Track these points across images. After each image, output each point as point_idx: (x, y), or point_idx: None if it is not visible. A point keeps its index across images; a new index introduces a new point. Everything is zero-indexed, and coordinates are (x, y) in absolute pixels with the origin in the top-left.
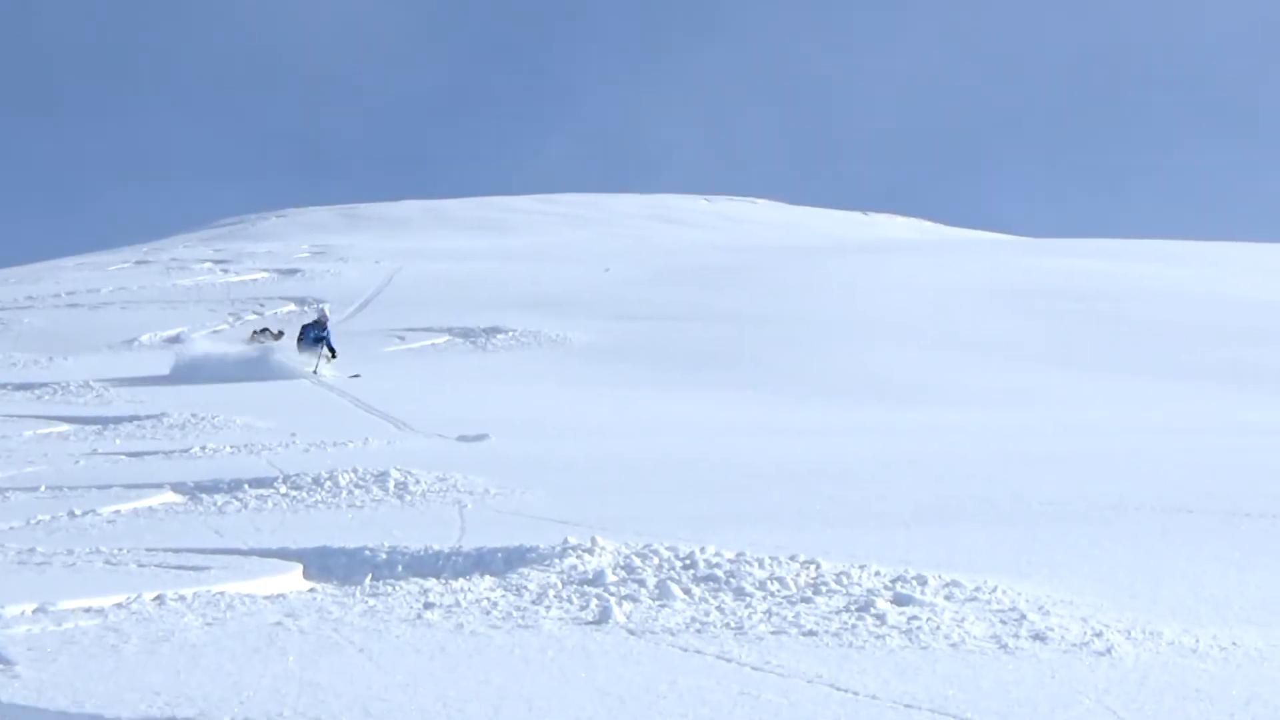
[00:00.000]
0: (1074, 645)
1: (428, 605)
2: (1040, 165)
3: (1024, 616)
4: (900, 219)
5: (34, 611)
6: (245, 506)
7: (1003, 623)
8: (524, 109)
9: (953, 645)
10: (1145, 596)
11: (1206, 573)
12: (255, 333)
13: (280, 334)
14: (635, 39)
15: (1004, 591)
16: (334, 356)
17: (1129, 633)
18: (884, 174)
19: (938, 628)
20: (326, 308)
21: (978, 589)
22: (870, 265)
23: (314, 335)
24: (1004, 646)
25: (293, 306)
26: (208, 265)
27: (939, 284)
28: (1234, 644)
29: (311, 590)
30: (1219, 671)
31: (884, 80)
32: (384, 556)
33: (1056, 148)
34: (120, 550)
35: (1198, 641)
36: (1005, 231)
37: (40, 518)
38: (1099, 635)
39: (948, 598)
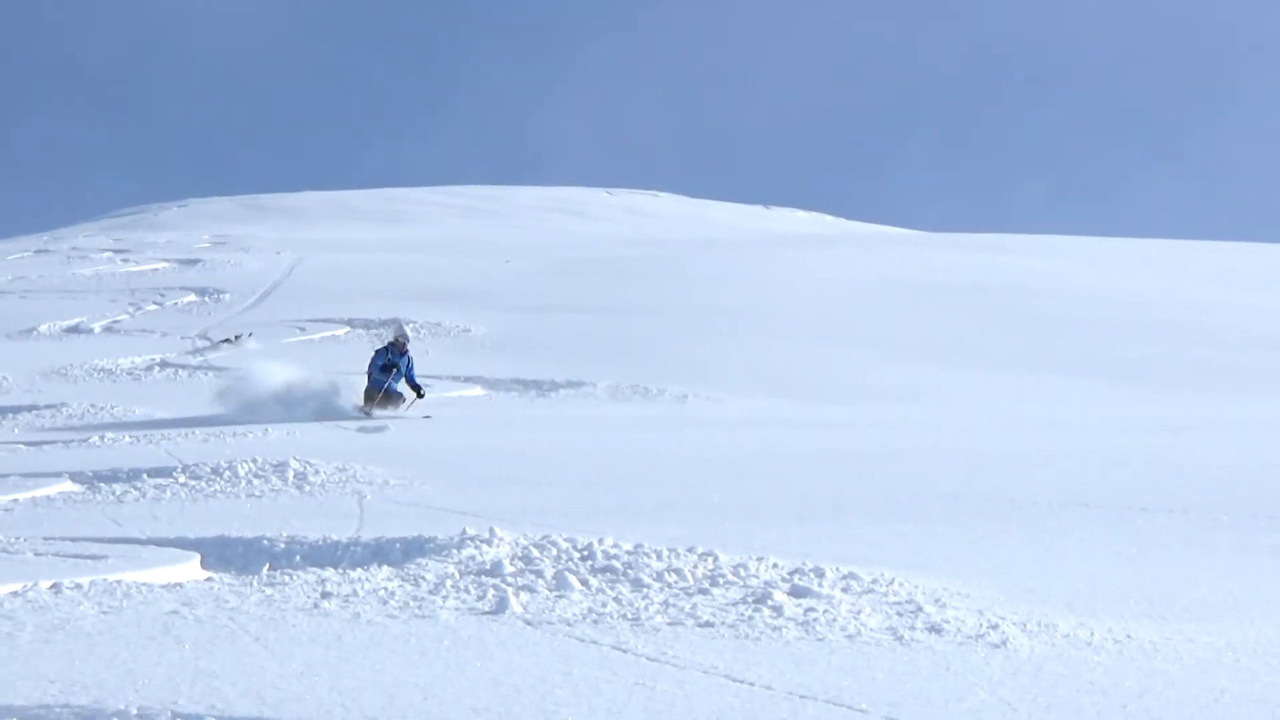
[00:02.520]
0: (969, 637)
1: (325, 595)
2: (935, 161)
3: (920, 609)
4: (801, 213)
5: None
6: (144, 496)
7: (899, 615)
8: (424, 101)
9: (848, 637)
10: (1041, 590)
11: (1103, 567)
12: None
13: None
14: (537, 29)
15: (901, 584)
16: (421, 395)
17: (1024, 625)
18: (785, 168)
19: (834, 619)
20: (408, 328)
21: (875, 581)
22: (773, 259)
23: (384, 363)
24: (899, 638)
25: (193, 297)
26: (108, 255)
27: (840, 278)
28: (1129, 637)
29: (209, 579)
30: (1113, 664)
31: (786, 74)
32: (282, 546)
33: (950, 143)
34: (17, 539)
35: (1093, 634)
36: (903, 226)
37: None
38: (994, 628)
39: (845, 590)
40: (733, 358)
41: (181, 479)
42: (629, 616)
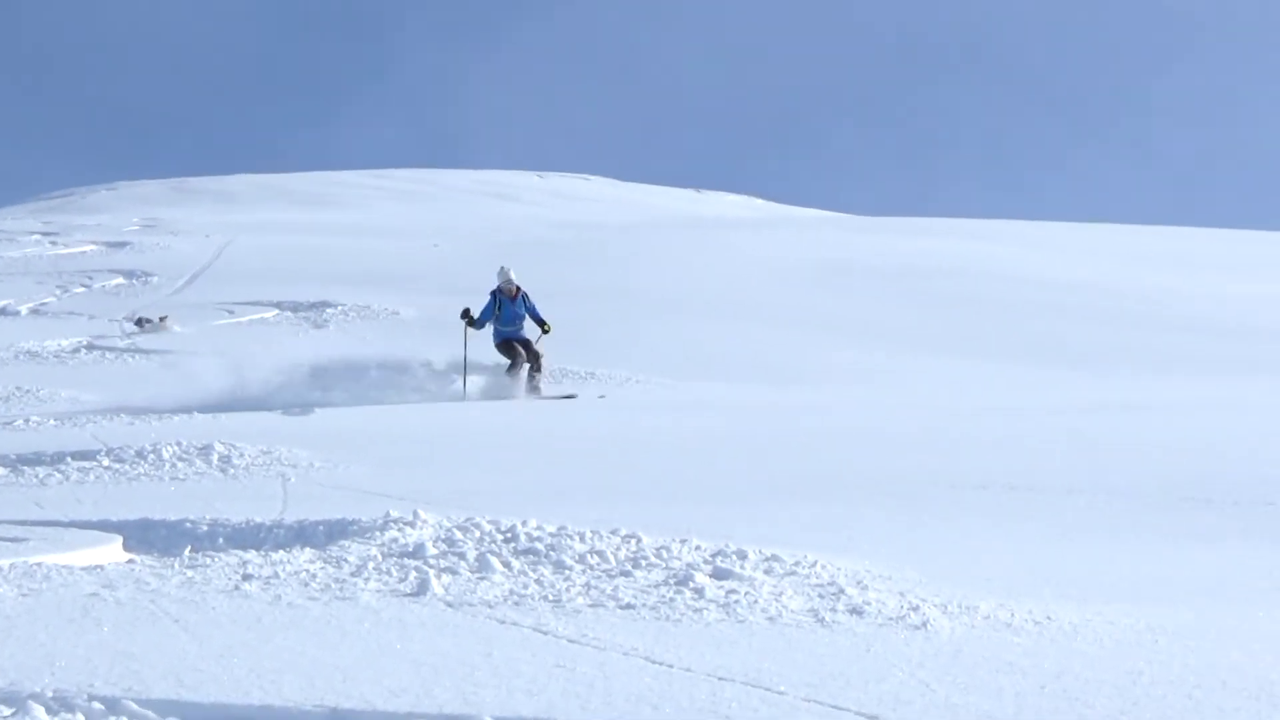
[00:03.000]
0: (890, 619)
1: (246, 577)
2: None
3: (842, 591)
4: (732, 196)
5: None
6: (67, 479)
7: (820, 597)
8: (357, 83)
9: (770, 619)
10: (963, 572)
11: (1025, 549)
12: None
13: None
14: (469, 9)
15: (823, 566)
16: (545, 330)
17: (945, 607)
18: (717, 152)
19: (755, 601)
20: (511, 271)
21: (797, 564)
22: (704, 242)
23: (493, 315)
24: (821, 620)
25: (121, 280)
26: (35, 237)
27: (772, 261)
28: (1049, 618)
29: (130, 561)
30: (1032, 645)
31: (718, 57)
32: (205, 529)
33: (881, 126)
34: None
35: (1013, 616)
36: (835, 209)
37: None
38: (915, 609)
39: (767, 572)
40: (662, 341)
41: (105, 462)
42: (550, 598)
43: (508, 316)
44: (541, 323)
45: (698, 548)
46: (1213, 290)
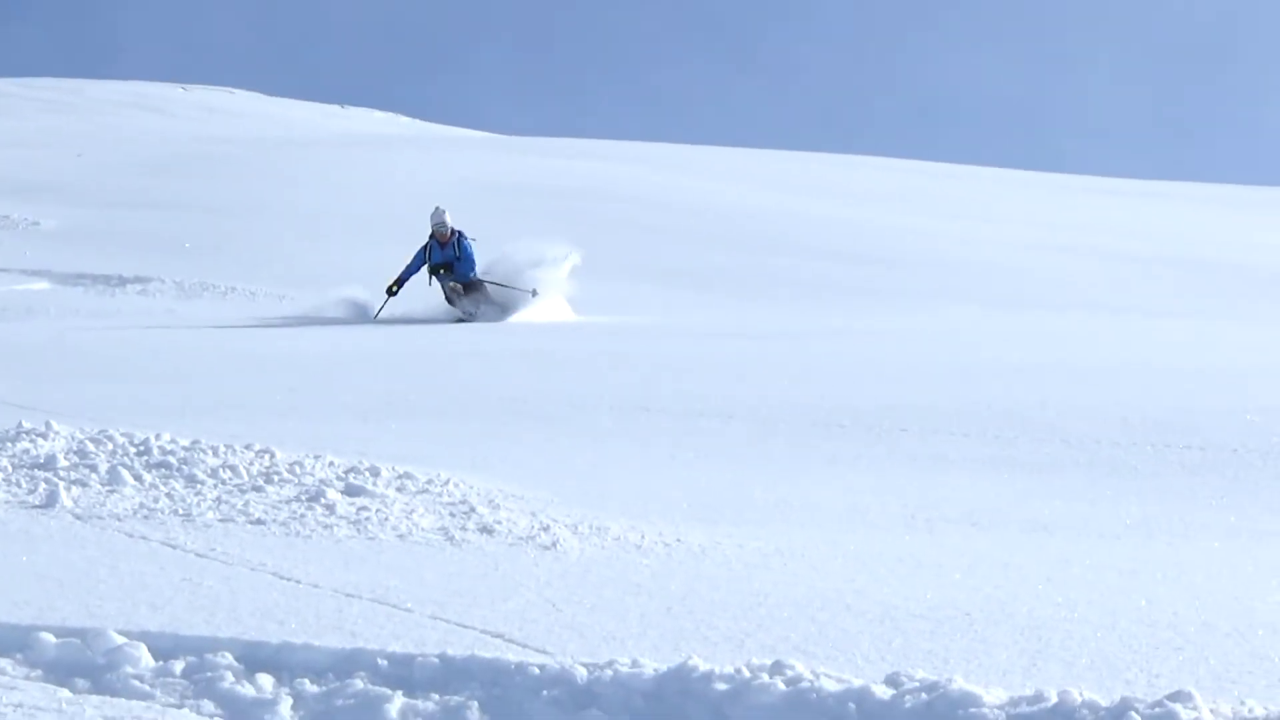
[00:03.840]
0: (520, 539)
1: None
2: (511, 63)
3: (473, 510)
4: (378, 113)
5: None
6: None
7: (452, 515)
8: None
9: (400, 536)
10: (596, 493)
11: (658, 472)
12: None
13: None
14: None
15: (456, 485)
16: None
17: (576, 528)
18: (362, 67)
19: (386, 519)
20: (447, 213)
21: (430, 482)
22: (349, 160)
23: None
24: (451, 539)
25: None
26: None
27: (421, 181)
28: (678, 540)
29: None
30: (661, 567)
31: None
32: None
33: (529, 46)
34: None
35: (643, 538)
36: (480, 129)
37: None
38: (546, 529)
39: (399, 490)
40: (305, 257)
41: None
42: (180, 512)
43: (437, 258)
44: (467, 276)
45: (331, 464)
46: (860, 218)
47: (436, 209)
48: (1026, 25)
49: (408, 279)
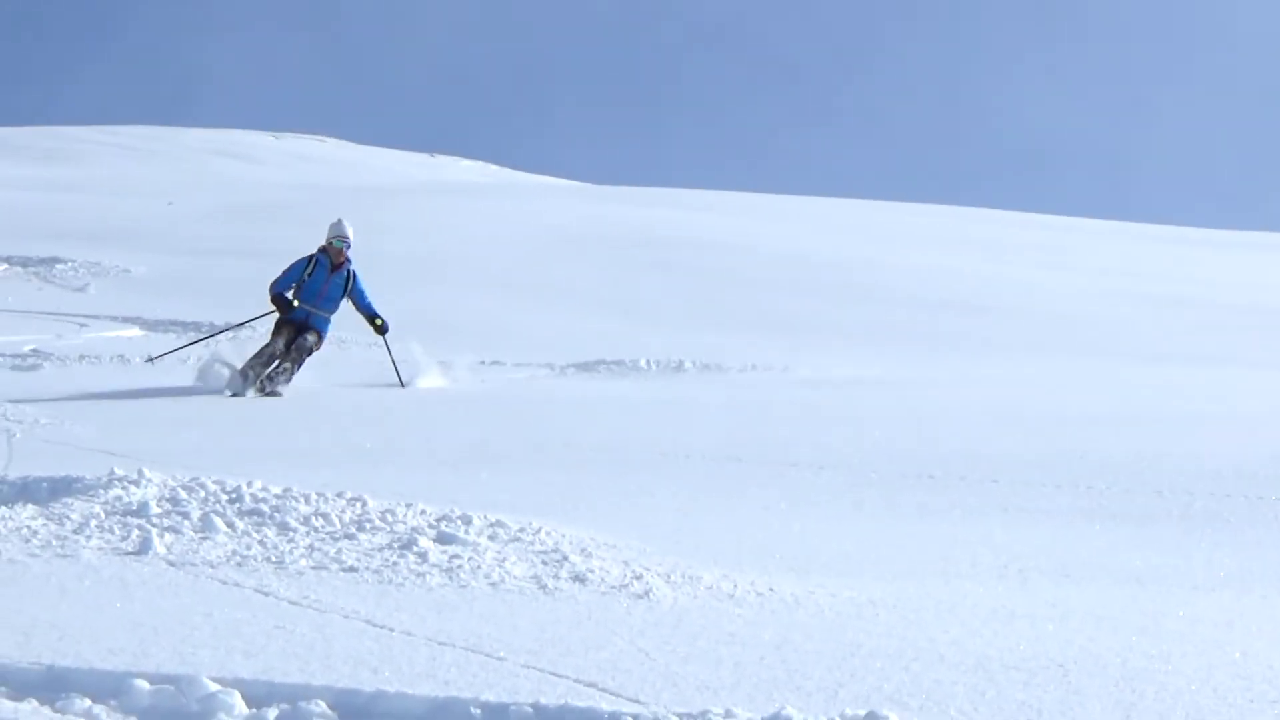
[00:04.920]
0: (613, 587)
1: None
2: (599, 112)
3: (566, 558)
4: (466, 162)
5: None
6: None
7: (544, 563)
8: (86, 35)
9: (492, 585)
10: (688, 542)
11: (751, 521)
12: None
13: None
14: None
15: (548, 533)
16: (382, 329)
17: (669, 577)
18: (451, 116)
19: (478, 567)
20: (347, 226)
21: (522, 530)
22: (436, 207)
23: (300, 279)
24: (544, 587)
25: None
26: None
27: (507, 228)
28: (771, 590)
29: None
30: (754, 616)
31: (453, 17)
32: None
33: (615, 95)
34: None
35: (736, 587)
36: (569, 177)
37: None
38: (639, 578)
39: (491, 538)
40: (395, 304)
41: None
42: (273, 560)
43: (313, 288)
44: (374, 317)
45: (423, 512)
46: (948, 266)
47: (339, 220)
48: (1111, 74)
49: (284, 291)
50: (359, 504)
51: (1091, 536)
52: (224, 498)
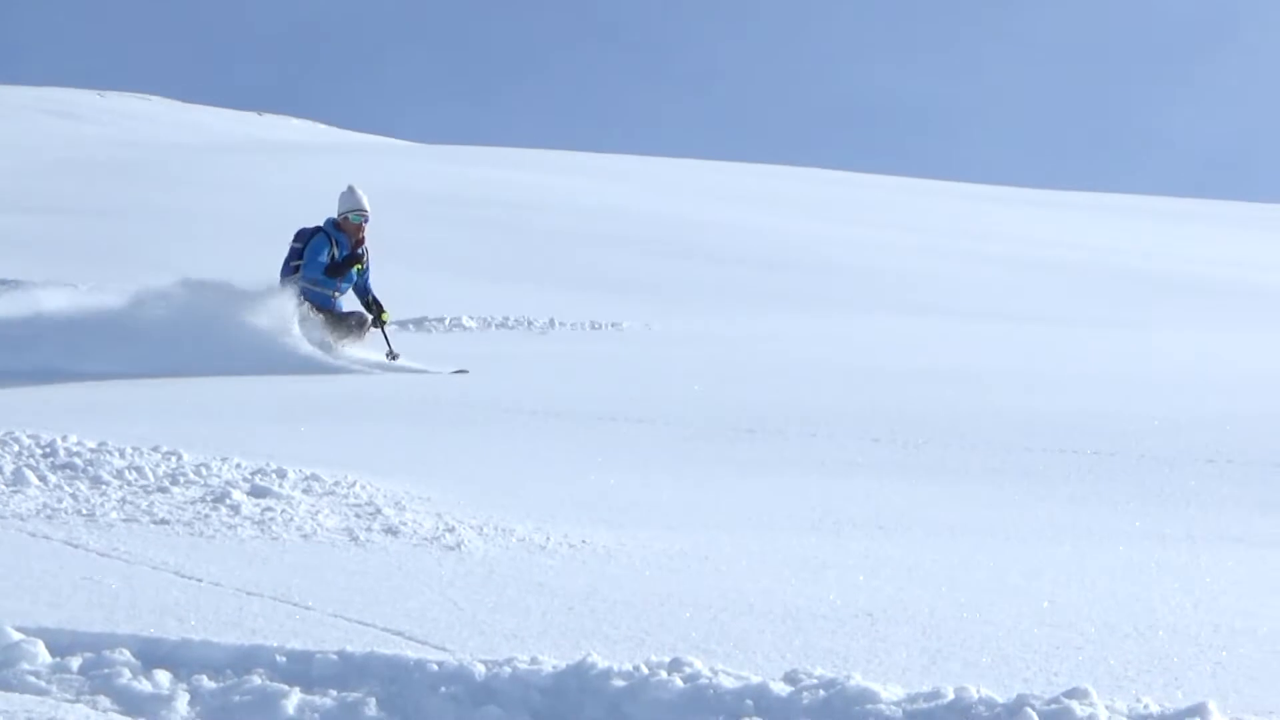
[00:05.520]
0: (425, 539)
1: None
2: (431, 71)
3: (379, 511)
4: (295, 120)
5: None
6: None
7: (357, 516)
8: None
9: (304, 536)
10: (504, 496)
11: (567, 474)
12: None
13: None
14: None
15: (363, 487)
16: (381, 319)
17: (482, 529)
18: (279, 74)
19: (291, 519)
20: (364, 197)
21: (337, 483)
22: (270, 166)
23: (329, 261)
24: (355, 539)
25: None
26: None
27: (335, 187)
28: (583, 542)
29: None
30: (565, 567)
31: None
32: None
33: (445, 54)
34: None
35: (548, 539)
36: (403, 138)
37: None
38: (451, 530)
39: (305, 491)
40: (219, 260)
41: None
42: (84, 513)
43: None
44: (379, 309)
45: (238, 465)
46: (773, 225)
47: (351, 188)
48: (936, 33)
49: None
50: (174, 458)
51: (906, 490)
52: (38, 451)
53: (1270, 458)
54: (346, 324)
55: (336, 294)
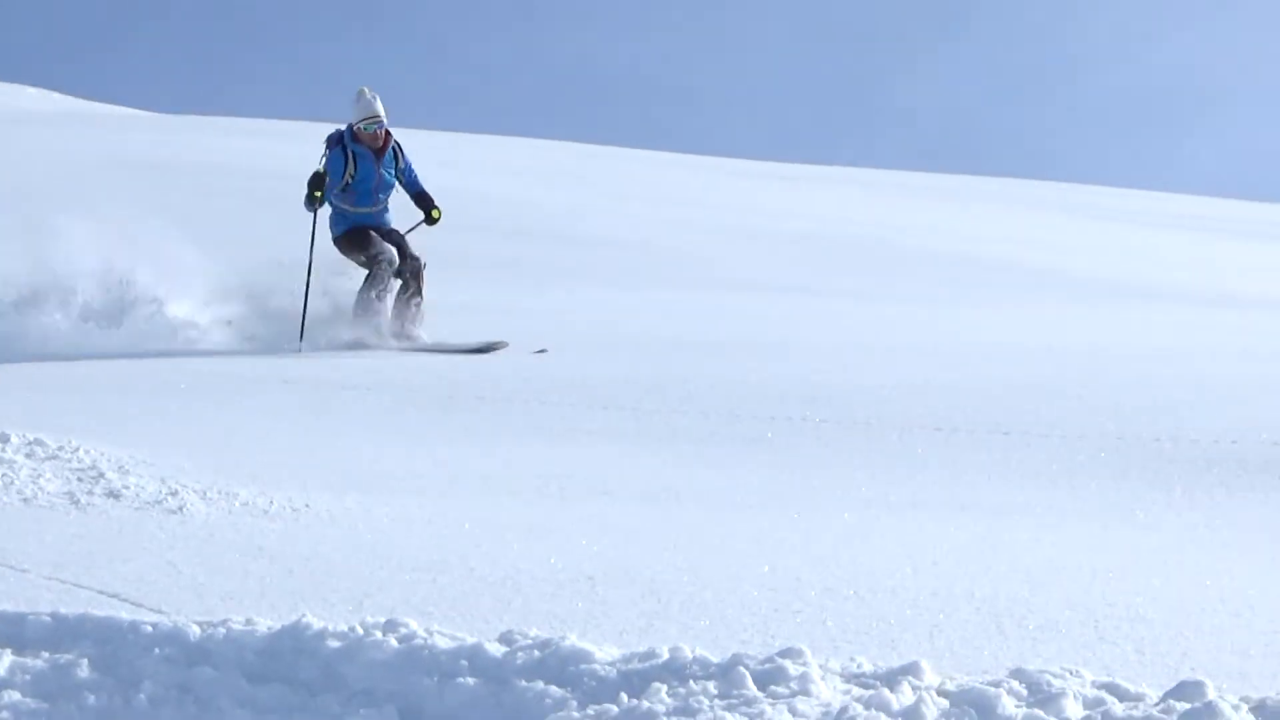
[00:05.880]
0: (147, 503)
1: None
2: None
3: (102, 475)
4: (30, 89)
5: None
6: None
7: (79, 480)
8: None
9: (24, 500)
10: (229, 461)
11: (295, 441)
12: None
13: None
14: None
15: (87, 451)
16: (433, 216)
17: (205, 494)
18: (14, 42)
19: (11, 483)
20: (377, 101)
21: (61, 448)
22: (7, 136)
23: (373, 176)
24: (76, 503)
25: None
26: None
27: (74, 158)
28: (306, 506)
29: None
30: (286, 531)
31: None
32: None
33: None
34: None
35: (272, 503)
36: (140, 107)
37: None
38: (174, 494)
39: (28, 455)
40: None
41: None
42: None
43: (365, 185)
44: (429, 204)
45: None
46: (517, 196)
47: (362, 91)
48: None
49: (324, 198)
50: None
51: (636, 456)
52: None
53: (997, 426)
54: (372, 244)
55: (377, 207)
